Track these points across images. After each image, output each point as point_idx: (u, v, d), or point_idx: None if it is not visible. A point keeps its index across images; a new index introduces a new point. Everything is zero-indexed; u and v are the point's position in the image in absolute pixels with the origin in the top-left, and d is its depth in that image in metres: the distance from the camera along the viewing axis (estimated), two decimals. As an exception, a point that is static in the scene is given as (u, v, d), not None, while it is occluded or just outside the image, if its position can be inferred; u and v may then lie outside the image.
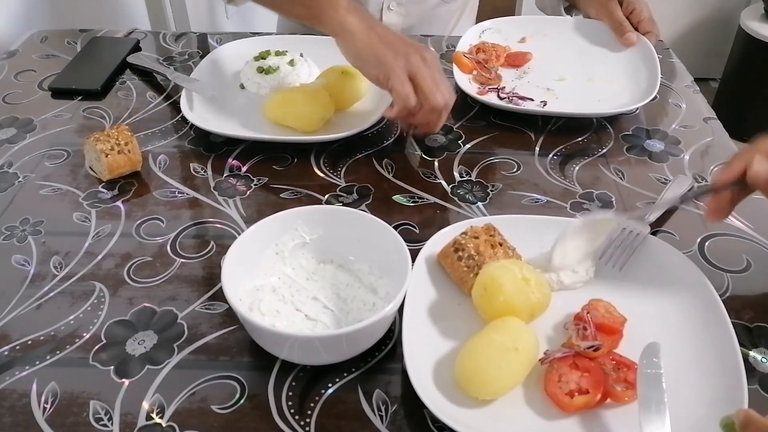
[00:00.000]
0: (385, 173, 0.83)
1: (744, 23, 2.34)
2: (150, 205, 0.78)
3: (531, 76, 1.01)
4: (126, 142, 0.80)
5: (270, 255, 0.65)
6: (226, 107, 0.93)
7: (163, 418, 0.55)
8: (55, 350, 0.60)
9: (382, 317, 0.55)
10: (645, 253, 0.67)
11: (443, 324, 0.62)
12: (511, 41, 1.08)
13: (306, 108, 0.86)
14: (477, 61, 1.01)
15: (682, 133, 0.91)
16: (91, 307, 0.65)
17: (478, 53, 1.03)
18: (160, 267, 0.69)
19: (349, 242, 0.66)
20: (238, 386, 0.57)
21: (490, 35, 1.09)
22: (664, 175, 0.83)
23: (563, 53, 1.05)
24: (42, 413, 0.55)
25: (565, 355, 0.57)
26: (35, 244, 0.72)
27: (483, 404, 0.55)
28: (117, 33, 1.15)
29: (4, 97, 0.98)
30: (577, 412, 0.54)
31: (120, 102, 0.97)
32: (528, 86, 0.98)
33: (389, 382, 0.58)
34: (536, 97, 0.95)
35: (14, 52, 1.10)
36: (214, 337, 0.62)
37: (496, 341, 0.56)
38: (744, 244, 0.72)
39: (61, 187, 0.80)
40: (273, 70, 0.97)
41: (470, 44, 1.05)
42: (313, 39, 1.09)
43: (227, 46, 1.06)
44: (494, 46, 1.05)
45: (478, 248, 0.64)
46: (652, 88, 0.92)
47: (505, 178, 0.82)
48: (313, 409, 0.56)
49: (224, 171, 0.83)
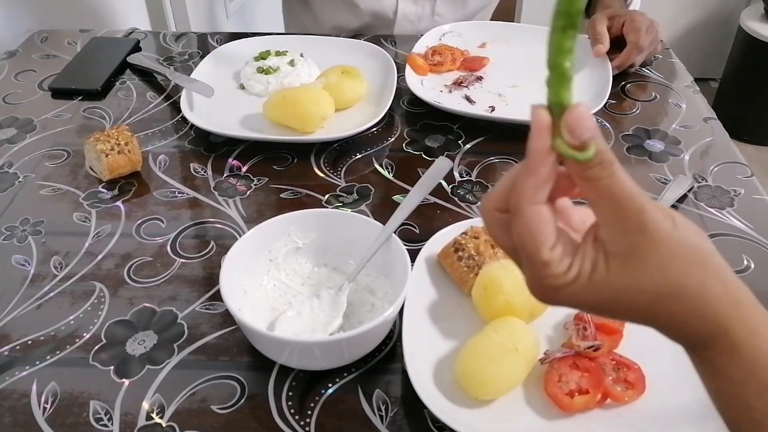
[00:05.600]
0: (385, 173, 0.83)
1: (744, 23, 2.34)
2: (150, 205, 0.78)
3: (485, 81, 1.00)
4: (126, 142, 0.80)
5: (264, 262, 0.65)
6: (226, 107, 0.93)
7: (163, 418, 0.55)
8: (55, 350, 0.60)
9: (382, 321, 0.55)
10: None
11: (443, 324, 0.62)
12: (471, 46, 1.08)
13: (306, 108, 0.86)
14: (432, 63, 1.00)
15: (682, 133, 0.91)
16: (91, 307, 0.65)
17: (433, 55, 1.02)
18: (160, 267, 0.69)
19: (344, 245, 0.66)
20: (238, 386, 0.57)
21: (451, 38, 1.08)
22: (664, 175, 0.83)
23: (521, 60, 1.04)
24: (42, 413, 0.55)
25: (565, 355, 0.57)
26: (35, 244, 0.72)
27: (483, 404, 0.55)
28: (117, 33, 1.15)
29: (5, 97, 0.98)
30: (577, 412, 0.54)
31: (120, 102, 0.97)
32: (480, 91, 0.97)
33: (389, 382, 0.58)
34: (487, 102, 0.94)
35: (14, 52, 1.10)
36: (214, 337, 0.62)
37: (496, 341, 0.56)
38: (744, 244, 0.72)
39: (61, 187, 0.80)
40: (273, 70, 0.97)
41: (428, 46, 1.05)
42: (313, 39, 1.09)
43: (227, 46, 1.06)
44: (452, 49, 1.04)
45: (478, 248, 0.64)
46: (602, 98, 0.91)
47: (505, 178, 0.82)
48: (313, 409, 0.56)
49: (224, 171, 0.83)
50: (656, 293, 0.32)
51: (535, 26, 1.12)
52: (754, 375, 0.32)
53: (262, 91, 0.96)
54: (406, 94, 0.96)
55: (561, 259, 0.33)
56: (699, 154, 0.87)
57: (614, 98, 0.98)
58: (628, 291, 0.32)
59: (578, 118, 0.31)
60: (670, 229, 0.32)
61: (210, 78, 0.96)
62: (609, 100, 0.95)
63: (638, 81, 1.03)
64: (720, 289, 0.32)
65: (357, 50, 1.04)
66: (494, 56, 1.05)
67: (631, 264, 0.32)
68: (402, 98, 0.96)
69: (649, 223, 0.31)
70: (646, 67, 1.07)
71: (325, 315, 0.61)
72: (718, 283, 0.32)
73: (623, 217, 0.31)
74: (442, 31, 1.09)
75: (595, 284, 0.32)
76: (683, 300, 0.32)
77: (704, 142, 0.89)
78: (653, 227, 0.31)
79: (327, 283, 0.65)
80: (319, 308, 0.61)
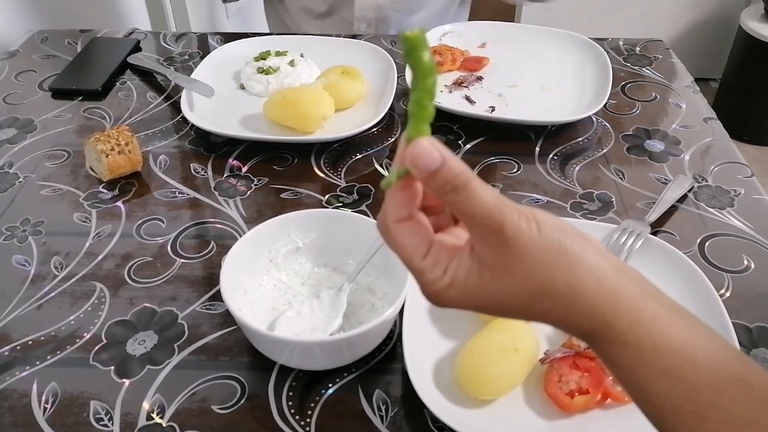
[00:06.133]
0: (385, 173, 0.83)
1: (744, 23, 2.34)
2: (150, 206, 0.78)
3: (485, 81, 1.00)
4: (126, 143, 0.80)
5: (264, 262, 0.65)
6: (226, 107, 0.93)
7: (164, 418, 0.55)
8: (55, 350, 0.61)
9: (382, 321, 0.55)
10: (645, 253, 0.67)
11: (443, 324, 0.62)
12: (471, 46, 1.08)
13: (306, 108, 0.85)
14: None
15: (682, 133, 0.91)
16: (91, 308, 0.65)
17: (434, 55, 1.02)
18: (160, 267, 0.69)
19: (344, 244, 0.66)
20: (239, 386, 0.58)
21: (451, 38, 1.08)
22: (664, 175, 0.83)
23: (520, 60, 1.04)
24: (42, 413, 0.55)
25: (565, 355, 0.57)
26: (36, 245, 0.72)
27: (483, 404, 0.55)
28: (117, 33, 1.15)
29: (5, 97, 0.98)
30: (577, 412, 0.54)
31: (120, 102, 0.97)
32: (480, 91, 0.97)
33: (389, 382, 0.58)
34: (487, 102, 0.94)
35: (14, 52, 1.10)
36: (215, 338, 0.62)
37: (496, 341, 0.56)
38: (744, 244, 0.72)
39: (62, 188, 0.80)
40: (273, 70, 0.97)
41: None
42: (313, 39, 1.09)
43: (227, 46, 1.06)
44: (452, 49, 1.04)
45: (478, 248, 0.64)
46: (602, 98, 0.91)
47: (505, 178, 0.82)
48: (313, 409, 0.56)
49: (224, 171, 0.83)
50: (529, 295, 0.34)
51: (535, 26, 1.12)
52: (645, 362, 0.34)
53: (262, 91, 0.96)
54: (406, 94, 0.97)
55: (433, 266, 0.35)
56: (699, 154, 0.87)
57: (614, 98, 0.98)
58: (505, 294, 0.35)
59: (414, 151, 0.33)
60: (535, 235, 0.34)
61: (210, 78, 0.96)
62: (609, 100, 0.95)
63: (638, 81, 1.03)
64: (593, 285, 0.34)
65: (357, 50, 1.04)
66: (494, 56, 1.05)
67: (500, 273, 0.34)
68: (402, 98, 0.96)
69: (509, 235, 0.33)
70: (646, 67, 1.07)
71: (325, 315, 0.61)
72: (590, 281, 0.34)
73: (485, 233, 0.34)
74: (442, 31, 1.09)
75: (471, 289, 0.35)
76: (555, 299, 0.34)
77: (704, 142, 0.89)
78: (514, 239, 0.33)
79: (327, 283, 0.65)
80: (319, 308, 0.61)
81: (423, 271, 0.35)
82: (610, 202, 0.78)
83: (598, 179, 0.82)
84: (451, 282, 0.35)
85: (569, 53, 1.05)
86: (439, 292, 0.35)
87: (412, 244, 0.36)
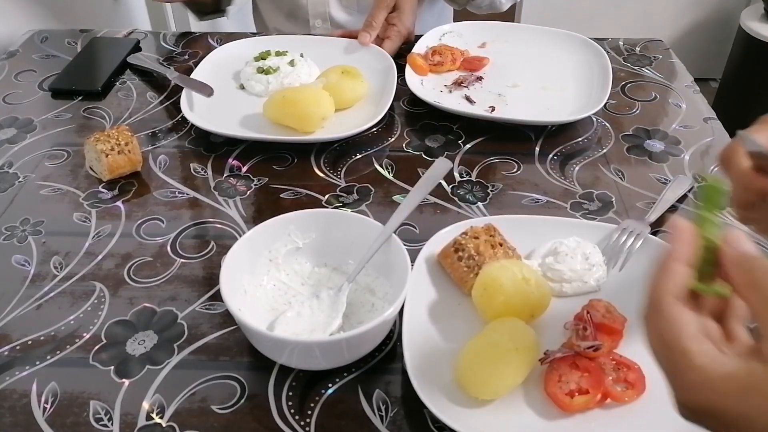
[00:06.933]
0: (385, 173, 0.83)
1: (744, 23, 2.34)
2: (150, 206, 0.78)
3: (485, 81, 1.00)
4: (126, 143, 0.80)
5: (264, 262, 0.65)
6: (226, 107, 0.93)
7: (163, 418, 0.55)
8: (55, 350, 0.60)
9: (382, 321, 0.55)
10: (645, 253, 0.67)
11: (443, 324, 0.62)
12: (471, 46, 1.08)
13: (306, 108, 0.85)
14: (432, 63, 1.01)
15: (682, 133, 0.91)
16: (91, 307, 0.65)
17: (433, 55, 1.02)
18: (160, 267, 0.69)
19: (344, 244, 0.66)
20: (238, 386, 0.58)
21: (451, 38, 1.08)
22: (664, 175, 0.83)
23: (520, 60, 1.04)
24: (42, 413, 0.55)
25: (565, 355, 0.57)
26: (35, 245, 0.72)
27: (483, 404, 0.55)
28: (117, 33, 1.15)
29: (5, 97, 0.98)
30: (577, 412, 0.54)
31: (120, 102, 0.97)
32: (480, 91, 0.97)
33: (389, 382, 0.58)
34: (487, 102, 0.94)
35: (14, 52, 1.10)
36: (214, 337, 0.62)
37: (496, 341, 0.56)
38: (744, 244, 0.72)
39: (62, 188, 0.80)
40: (273, 70, 0.97)
41: (428, 46, 1.05)
42: (313, 39, 1.09)
43: (227, 46, 1.06)
44: (452, 49, 1.04)
45: (479, 248, 0.64)
46: (602, 98, 0.91)
47: (505, 178, 0.82)
48: (313, 409, 0.56)
49: (224, 171, 0.83)
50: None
51: (535, 26, 1.12)
52: None
53: (262, 91, 0.96)
54: (406, 94, 0.96)
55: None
56: (699, 154, 0.87)
57: (614, 98, 0.98)
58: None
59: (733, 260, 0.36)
60: None
61: (210, 78, 0.96)
62: (609, 100, 0.95)
63: (638, 81, 1.03)
64: None
65: (357, 50, 1.04)
66: (494, 56, 1.05)
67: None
68: (402, 98, 0.96)
69: None
70: (646, 67, 1.07)
71: (324, 315, 0.61)
72: None
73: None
74: (442, 31, 1.09)
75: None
76: None
77: (704, 142, 0.89)
78: None
79: (327, 283, 0.65)
80: (318, 308, 0.61)
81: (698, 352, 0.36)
82: (610, 202, 0.78)
83: (598, 179, 0.82)
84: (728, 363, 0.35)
85: (569, 53, 1.05)
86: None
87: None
